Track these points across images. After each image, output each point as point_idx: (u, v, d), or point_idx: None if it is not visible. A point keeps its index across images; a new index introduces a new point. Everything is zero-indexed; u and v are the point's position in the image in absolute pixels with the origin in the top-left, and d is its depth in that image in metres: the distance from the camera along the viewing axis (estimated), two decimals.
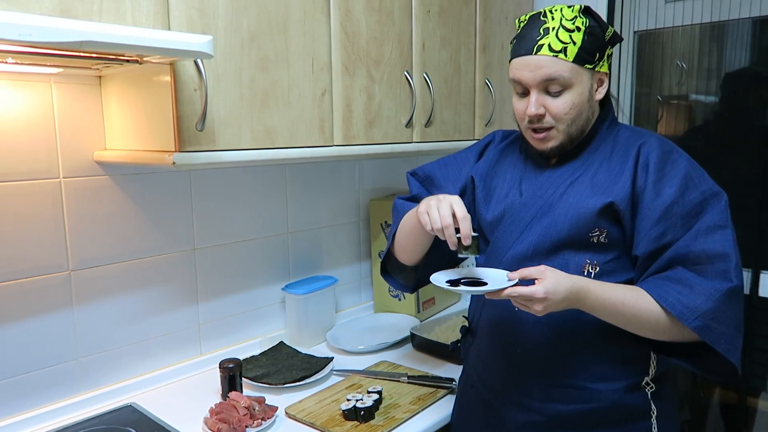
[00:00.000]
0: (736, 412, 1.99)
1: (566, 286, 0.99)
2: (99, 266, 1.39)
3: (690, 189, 1.05)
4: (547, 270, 0.99)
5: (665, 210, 1.04)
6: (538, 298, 0.97)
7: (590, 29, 1.09)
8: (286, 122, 1.33)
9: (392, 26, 1.57)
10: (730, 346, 1.01)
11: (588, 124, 1.15)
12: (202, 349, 1.63)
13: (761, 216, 1.79)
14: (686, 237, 1.04)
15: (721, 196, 1.06)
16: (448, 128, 1.79)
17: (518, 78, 1.11)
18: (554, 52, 1.07)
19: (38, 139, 1.28)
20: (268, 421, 1.29)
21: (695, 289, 1.01)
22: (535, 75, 1.08)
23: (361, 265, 2.07)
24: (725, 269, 1.01)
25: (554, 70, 1.07)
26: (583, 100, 1.10)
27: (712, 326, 1.00)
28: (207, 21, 1.17)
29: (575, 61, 1.07)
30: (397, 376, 1.52)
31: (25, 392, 1.30)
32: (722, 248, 1.02)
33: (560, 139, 1.12)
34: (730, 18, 1.84)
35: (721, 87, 1.89)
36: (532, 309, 0.99)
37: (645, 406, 1.12)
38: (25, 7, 0.94)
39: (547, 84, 1.08)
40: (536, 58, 1.08)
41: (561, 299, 0.98)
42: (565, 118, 1.10)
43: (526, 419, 1.15)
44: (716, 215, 1.04)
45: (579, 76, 1.09)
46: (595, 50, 1.10)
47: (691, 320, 1.00)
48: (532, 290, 0.97)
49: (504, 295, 0.99)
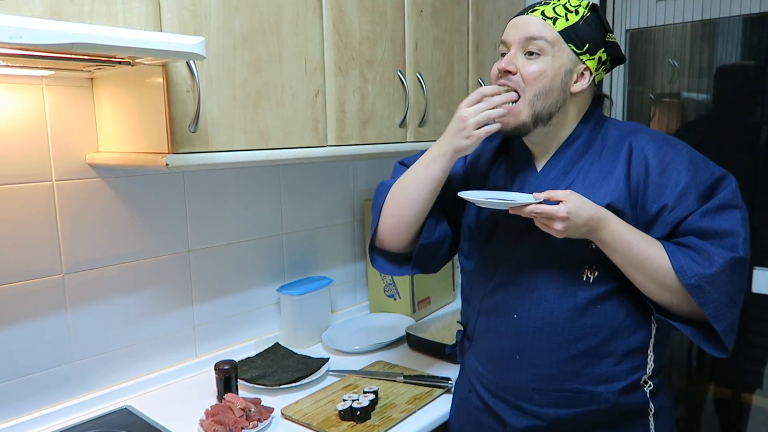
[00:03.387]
0: (730, 408, 2.00)
1: (589, 212, 1.01)
2: (92, 269, 1.39)
3: (699, 171, 1.07)
4: (572, 194, 1.02)
5: (680, 194, 1.05)
6: (560, 217, 0.99)
7: (589, 19, 1.10)
8: (280, 123, 1.33)
9: (385, 26, 1.57)
10: (718, 312, 1.01)
11: (556, 110, 1.11)
12: (198, 351, 1.62)
13: (753, 212, 1.81)
14: (697, 213, 1.05)
15: (731, 178, 1.08)
16: (441, 128, 1.79)
17: (505, 36, 1.14)
18: (545, 17, 1.09)
19: (30, 141, 1.27)
20: (264, 422, 1.28)
21: (702, 255, 1.02)
22: (519, 32, 1.10)
23: (356, 265, 2.07)
24: (733, 243, 1.02)
25: (538, 31, 1.08)
26: (557, 76, 1.09)
27: (706, 288, 1.01)
28: (199, 22, 1.17)
29: (561, 33, 1.08)
30: (393, 376, 1.52)
31: (19, 396, 1.29)
32: (731, 226, 1.03)
33: (523, 116, 1.10)
34: (721, 16, 1.85)
35: (714, 80, 1.90)
36: (552, 229, 1.01)
37: (643, 405, 1.13)
38: (16, 9, 0.93)
39: (527, 44, 1.09)
40: (527, 17, 1.11)
41: (582, 223, 1.01)
42: (534, 83, 1.09)
43: (526, 424, 1.15)
44: (728, 195, 1.06)
45: (560, 51, 1.09)
46: (586, 39, 1.10)
47: (688, 277, 1.01)
48: (555, 209, 0.99)
49: (527, 211, 1.01)
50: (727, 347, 1.05)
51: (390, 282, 1.99)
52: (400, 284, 1.97)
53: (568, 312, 1.10)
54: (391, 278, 1.98)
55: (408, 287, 1.95)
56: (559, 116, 1.13)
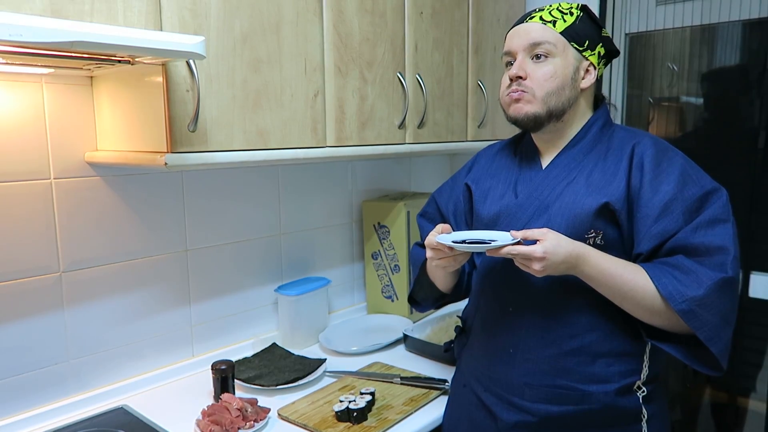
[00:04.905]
0: (726, 412, 2.01)
1: (567, 249, 1.01)
2: (90, 267, 1.39)
3: (689, 184, 1.06)
4: (549, 232, 1.02)
5: (664, 206, 1.05)
6: (537, 257, 0.99)
7: (583, 18, 1.15)
8: (279, 123, 1.33)
9: (385, 27, 1.57)
10: (713, 335, 1.00)
11: (569, 106, 1.15)
12: (195, 350, 1.62)
13: (751, 217, 1.81)
14: (686, 229, 1.04)
15: (722, 191, 1.07)
16: (440, 129, 1.80)
17: (508, 47, 1.17)
18: (544, 22, 1.13)
19: (29, 139, 1.27)
20: (261, 422, 1.28)
21: (690, 276, 1.01)
22: (522, 40, 1.14)
23: (354, 266, 2.07)
24: (722, 261, 1.01)
25: (541, 35, 1.12)
26: (566, 74, 1.13)
27: (698, 312, 1.00)
28: (199, 22, 1.17)
29: (563, 34, 1.12)
30: (390, 378, 1.52)
31: (15, 394, 1.29)
32: (721, 241, 1.02)
33: (537, 107, 1.13)
34: (720, 20, 1.85)
35: (706, 80, 1.91)
36: (531, 268, 1.02)
37: (636, 409, 1.13)
38: (16, 7, 0.93)
39: (532, 49, 1.13)
40: (526, 25, 1.15)
41: (560, 261, 1.01)
42: (545, 85, 1.12)
43: (517, 419, 1.15)
44: (718, 209, 1.05)
45: (564, 51, 1.13)
46: (585, 36, 1.14)
47: (678, 302, 1.00)
48: (531, 249, 1.00)
49: (503, 252, 1.02)
50: (722, 367, 1.04)
51: (388, 283, 1.99)
52: (397, 286, 1.97)
53: (563, 308, 1.11)
54: (389, 280, 1.99)
55: (405, 289, 1.96)
56: (570, 112, 1.16)
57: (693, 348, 1.07)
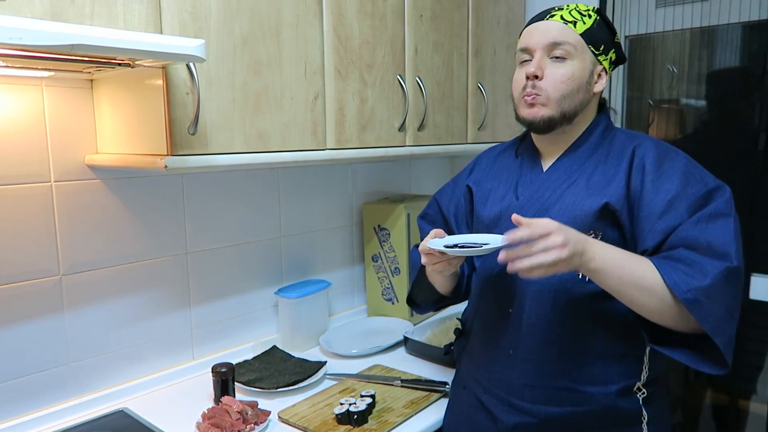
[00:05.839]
0: (727, 414, 2.00)
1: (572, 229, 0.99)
2: (90, 270, 1.39)
3: (692, 182, 1.05)
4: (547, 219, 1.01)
5: (668, 203, 1.04)
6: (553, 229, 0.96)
7: (600, 22, 1.15)
8: (279, 126, 1.33)
9: (385, 30, 1.57)
10: (718, 326, 0.98)
11: (581, 109, 1.15)
12: (195, 353, 1.62)
13: (751, 218, 1.81)
14: (689, 222, 1.02)
15: (725, 188, 1.07)
16: (440, 132, 1.80)
17: (526, 44, 1.15)
18: (565, 21, 1.12)
19: (29, 142, 1.27)
20: (261, 425, 1.28)
21: (694, 267, 0.99)
22: (542, 38, 1.12)
23: (354, 268, 2.07)
24: (726, 252, 0.99)
25: (562, 35, 1.11)
26: (583, 77, 1.12)
27: (703, 302, 0.97)
28: (199, 25, 1.17)
29: (583, 36, 1.12)
30: (391, 380, 1.52)
31: (15, 397, 1.29)
32: (724, 236, 1.01)
33: (552, 110, 1.12)
34: (720, 23, 1.85)
35: (706, 83, 1.91)
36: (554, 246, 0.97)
37: (636, 411, 1.12)
38: (16, 10, 0.94)
39: (552, 48, 1.11)
40: (547, 23, 1.13)
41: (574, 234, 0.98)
42: (561, 87, 1.11)
43: (517, 421, 1.15)
44: (720, 204, 1.04)
45: (583, 53, 1.12)
46: (601, 40, 1.14)
47: (683, 292, 0.98)
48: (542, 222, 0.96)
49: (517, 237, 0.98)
50: (727, 362, 1.01)
51: (388, 286, 1.99)
52: (398, 288, 1.97)
53: (563, 309, 1.11)
54: (390, 282, 1.98)
55: (406, 291, 1.95)
56: (580, 116, 1.16)
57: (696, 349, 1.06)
